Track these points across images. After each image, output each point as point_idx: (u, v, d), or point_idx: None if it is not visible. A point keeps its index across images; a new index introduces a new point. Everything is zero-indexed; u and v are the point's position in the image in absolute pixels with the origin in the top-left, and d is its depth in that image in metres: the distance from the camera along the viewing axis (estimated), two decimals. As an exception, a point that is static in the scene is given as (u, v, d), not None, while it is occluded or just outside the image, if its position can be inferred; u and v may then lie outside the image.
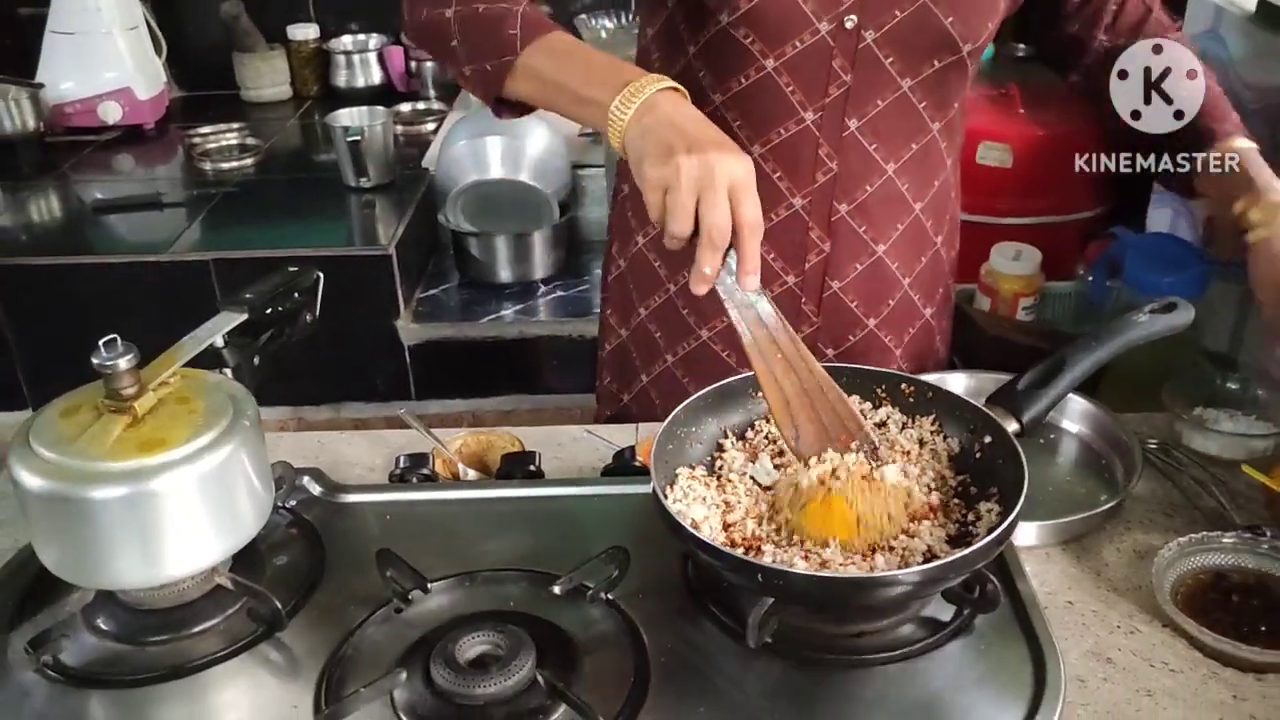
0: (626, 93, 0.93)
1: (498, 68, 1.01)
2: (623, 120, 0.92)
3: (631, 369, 1.36)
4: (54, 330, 1.94)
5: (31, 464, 0.85)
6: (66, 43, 2.34)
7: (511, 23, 1.01)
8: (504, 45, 1.01)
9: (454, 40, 1.04)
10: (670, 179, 0.87)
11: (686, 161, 0.87)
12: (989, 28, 1.12)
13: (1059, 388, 0.97)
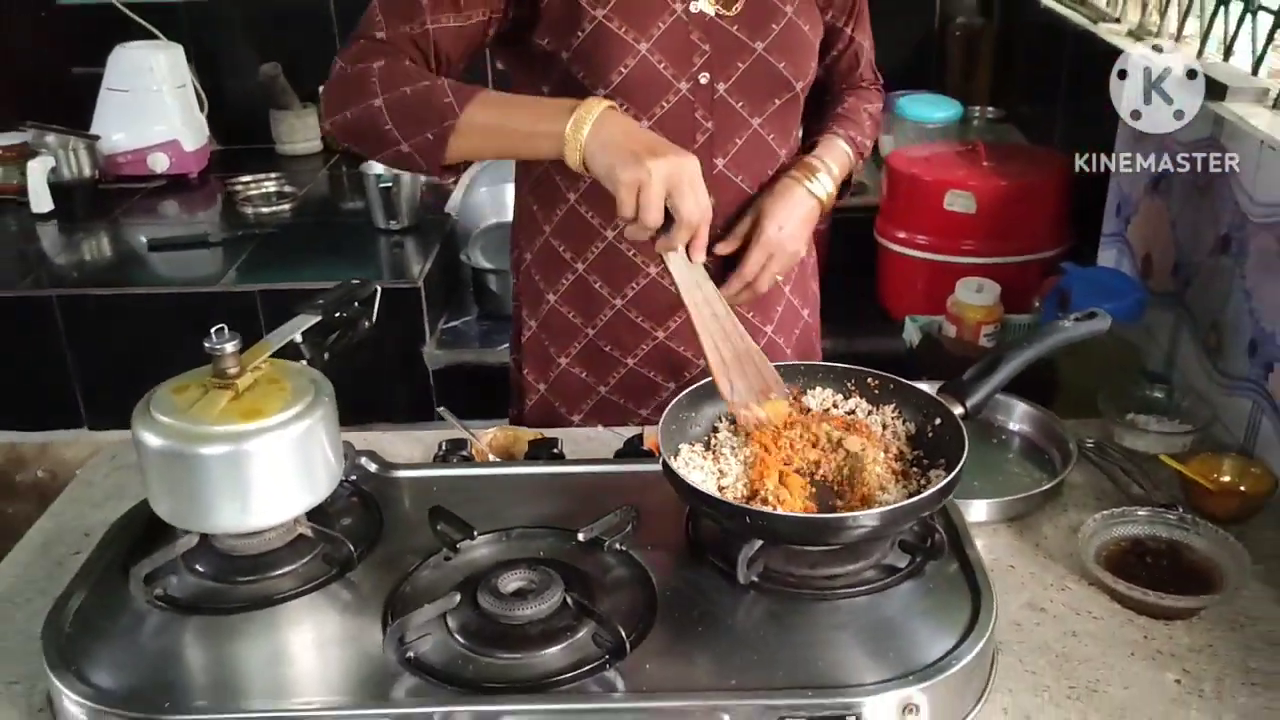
0: (576, 118, 1.10)
1: (440, 133, 1.14)
2: (579, 140, 1.10)
3: (558, 417, 1.49)
4: (110, 355, 2.13)
5: (153, 427, 1.03)
6: (120, 99, 2.57)
7: (441, 93, 1.15)
8: (443, 112, 1.14)
9: (387, 125, 1.16)
10: (643, 179, 1.06)
11: (655, 164, 1.06)
12: (811, 65, 1.33)
13: (997, 379, 1.16)
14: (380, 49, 1.19)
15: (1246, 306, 1.45)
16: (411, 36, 1.19)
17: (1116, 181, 1.94)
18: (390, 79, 1.16)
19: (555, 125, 1.11)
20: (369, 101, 1.17)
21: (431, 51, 1.21)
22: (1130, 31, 2.07)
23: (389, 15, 1.20)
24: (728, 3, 1.26)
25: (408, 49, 1.20)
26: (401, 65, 1.18)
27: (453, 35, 1.21)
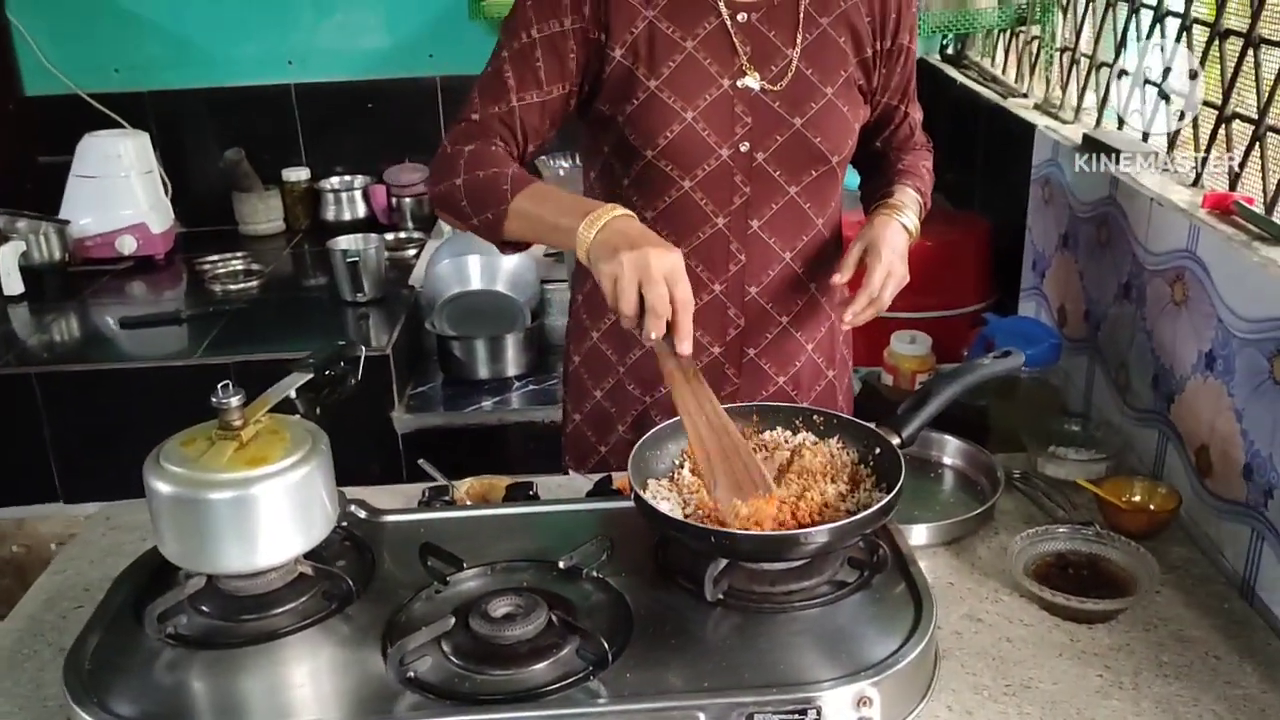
0: (589, 219, 1.24)
1: (497, 215, 1.31)
2: (588, 239, 1.23)
3: (588, 445, 1.65)
4: (87, 430, 2.20)
5: (164, 476, 1.13)
6: (89, 185, 2.67)
7: (504, 180, 1.31)
8: (499, 198, 1.31)
9: (463, 201, 1.33)
10: (617, 270, 1.18)
11: (628, 256, 1.18)
12: (849, 143, 1.47)
13: (927, 412, 1.30)
14: (474, 131, 1.36)
15: (1148, 345, 1.61)
16: (500, 116, 1.36)
17: (1030, 239, 2.11)
18: (473, 162, 1.33)
19: (572, 222, 1.25)
20: (453, 180, 1.33)
21: (518, 127, 1.37)
22: (1036, 105, 2.26)
23: (483, 98, 1.37)
24: (773, 80, 1.39)
25: (498, 128, 1.36)
26: (487, 150, 1.34)
27: (537, 111, 1.37)
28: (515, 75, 1.36)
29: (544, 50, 1.36)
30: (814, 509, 1.20)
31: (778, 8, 1.41)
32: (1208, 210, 1.49)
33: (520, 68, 1.36)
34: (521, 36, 1.36)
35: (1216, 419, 1.42)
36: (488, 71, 1.39)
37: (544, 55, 1.36)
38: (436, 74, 3.02)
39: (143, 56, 2.94)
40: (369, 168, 3.07)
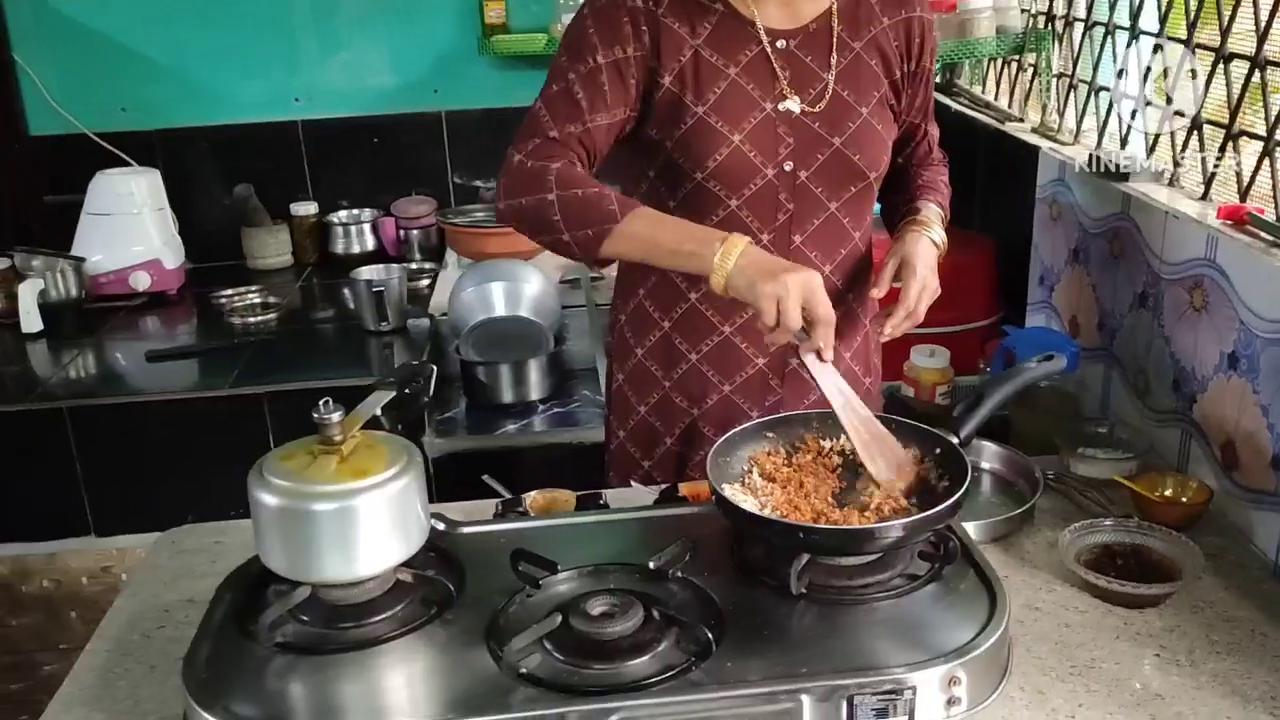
0: (725, 249, 1.31)
1: (599, 232, 1.36)
2: (726, 268, 1.30)
3: (632, 461, 1.71)
4: (120, 463, 2.22)
5: (269, 489, 1.17)
6: (102, 222, 2.69)
7: (610, 200, 1.37)
8: (605, 216, 1.36)
9: (555, 216, 1.38)
10: (781, 292, 1.26)
11: (791, 278, 1.26)
12: (884, 159, 1.55)
13: (981, 412, 1.37)
14: (554, 148, 1.41)
15: (1167, 350, 1.70)
16: (578, 135, 1.42)
17: (1038, 256, 2.21)
18: (565, 179, 1.38)
19: (704, 250, 1.32)
20: (544, 195, 1.38)
21: (591, 146, 1.43)
22: (1034, 129, 2.37)
23: (555, 116, 1.42)
24: (812, 102, 1.47)
25: (575, 147, 1.42)
26: (575, 169, 1.40)
27: (605, 131, 1.44)
28: (587, 97, 1.42)
29: (609, 75, 1.42)
30: (886, 507, 1.27)
31: (813, 34, 1.49)
32: (1222, 221, 1.59)
33: (591, 90, 1.42)
34: (589, 60, 1.42)
35: (1242, 415, 1.51)
36: (555, 90, 1.44)
37: (609, 80, 1.42)
38: (441, 108, 3.07)
39: (150, 95, 2.97)
40: (374, 201, 3.11)
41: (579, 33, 1.45)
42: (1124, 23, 2.04)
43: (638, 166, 1.53)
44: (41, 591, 2.25)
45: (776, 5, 1.47)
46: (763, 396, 1.61)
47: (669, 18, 1.44)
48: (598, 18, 1.44)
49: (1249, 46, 1.64)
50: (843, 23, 1.50)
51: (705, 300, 1.55)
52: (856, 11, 1.51)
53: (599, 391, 2.35)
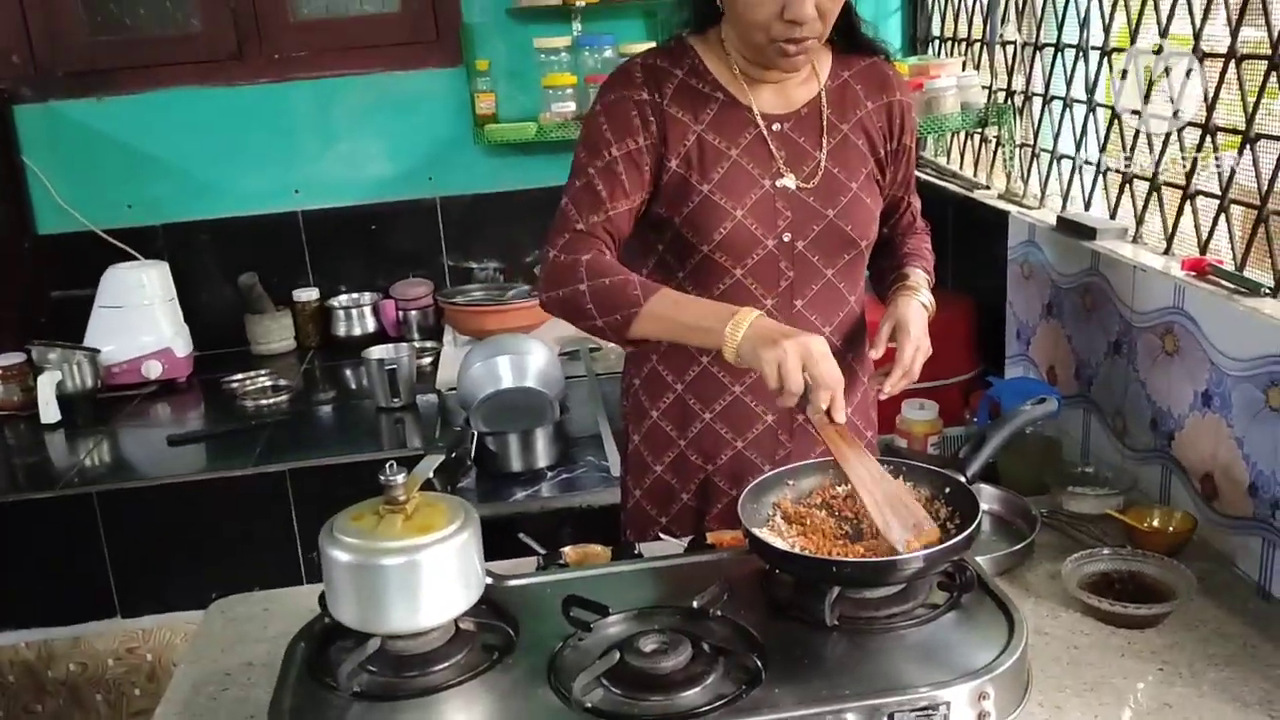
0: (734, 322, 1.42)
1: (626, 316, 1.48)
2: (736, 339, 1.41)
3: (649, 519, 1.82)
4: (147, 544, 2.28)
5: (341, 547, 1.26)
6: (114, 315, 2.79)
7: (634, 286, 1.49)
8: (631, 301, 1.48)
9: (588, 305, 1.49)
10: (782, 357, 1.36)
11: (790, 344, 1.36)
12: (874, 229, 1.69)
13: (985, 453, 1.49)
14: (583, 239, 1.53)
15: (1143, 393, 1.84)
16: (602, 224, 1.54)
17: (1013, 312, 2.36)
18: (594, 269, 1.50)
19: (717, 325, 1.43)
20: (576, 286, 1.50)
21: (615, 231, 1.56)
22: (1000, 195, 2.54)
23: (581, 210, 1.55)
24: (806, 179, 1.61)
25: (601, 235, 1.54)
26: (602, 258, 1.52)
27: (626, 216, 1.57)
28: (606, 188, 1.55)
29: (625, 165, 1.56)
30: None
31: (805, 118, 1.64)
32: (1186, 272, 1.74)
33: (610, 181, 1.55)
34: (605, 154, 1.56)
35: (1218, 448, 1.64)
36: (577, 186, 1.57)
37: (625, 169, 1.56)
38: (435, 194, 3.21)
39: (155, 192, 3.09)
40: (373, 284, 3.23)
41: (594, 130, 1.59)
42: (1081, 96, 2.23)
43: (648, 241, 1.66)
44: (67, 676, 2.29)
45: (771, 92, 1.62)
46: (773, 451, 1.72)
47: (673, 107, 1.58)
48: (609, 114, 1.58)
49: (1200, 114, 1.82)
50: (831, 107, 1.64)
51: (716, 362, 1.66)
52: (843, 97, 1.66)
53: (603, 457, 2.45)
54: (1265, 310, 1.56)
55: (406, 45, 3.13)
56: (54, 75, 3.01)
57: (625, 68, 1.63)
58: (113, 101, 3.04)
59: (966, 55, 2.84)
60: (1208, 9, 1.78)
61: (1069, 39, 2.28)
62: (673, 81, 1.59)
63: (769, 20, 1.48)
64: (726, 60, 1.61)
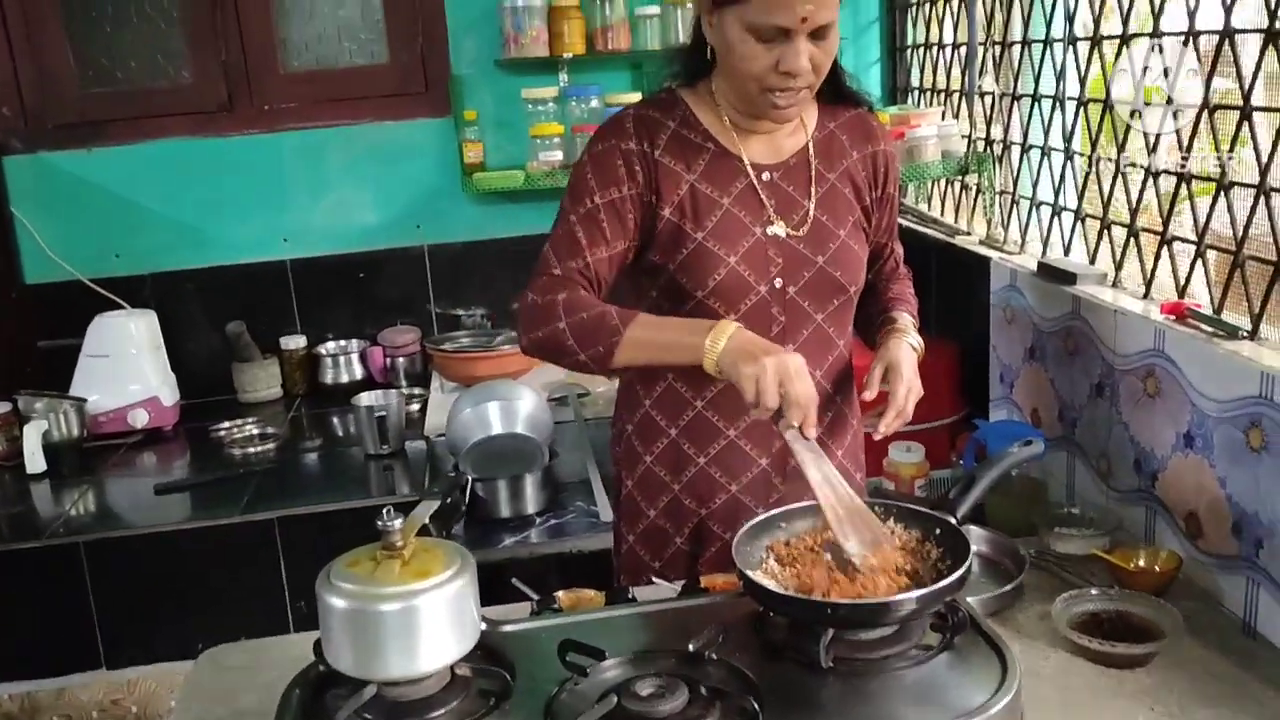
0: (713, 334, 1.45)
1: (608, 346, 1.51)
2: (716, 350, 1.44)
3: (642, 564, 1.82)
4: (134, 594, 2.27)
5: (338, 593, 1.26)
6: (100, 364, 2.79)
7: (611, 316, 1.52)
8: (611, 331, 1.51)
9: (569, 341, 1.52)
10: (760, 372, 1.39)
11: (769, 360, 1.40)
12: (862, 275, 1.72)
13: (974, 494, 1.51)
14: (560, 282, 1.56)
15: (1126, 435, 1.87)
16: (578, 269, 1.57)
17: (996, 356, 2.40)
18: (571, 306, 1.52)
19: (696, 339, 1.46)
20: (555, 324, 1.52)
21: (593, 277, 1.58)
22: (981, 241, 2.59)
23: (559, 255, 1.58)
24: (796, 227, 1.64)
25: (578, 279, 1.57)
26: (579, 295, 1.54)
27: (606, 263, 1.59)
28: (586, 235, 1.58)
29: (607, 213, 1.59)
30: (896, 584, 1.40)
31: (793, 168, 1.67)
32: (1166, 316, 1.78)
33: (590, 228, 1.59)
34: (587, 202, 1.59)
35: (1201, 488, 1.67)
36: (558, 233, 1.61)
37: (607, 217, 1.59)
38: (424, 243, 3.24)
39: (143, 242, 3.11)
40: (361, 332, 3.25)
41: (580, 178, 1.62)
42: (1058, 145, 2.28)
43: (642, 288, 1.68)
44: (52, 729, 2.26)
45: (760, 143, 1.66)
46: (767, 494, 1.73)
47: (666, 158, 1.62)
48: (595, 163, 1.62)
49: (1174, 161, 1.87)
50: (818, 157, 1.68)
51: (711, 407, 1.68)
52: (830, 147, 1.70)
53: (592, 502, 2.46)
54: (1244, 353, 1.60)
55: (396, 96, 3.18)
56: (44, 127, 3.04)
57: (618, 118, 1.66)
58: (102, 152, 3.07)
59: (946, 105, 2.90)
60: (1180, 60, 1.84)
61: (1047, 89, 2.33)
62: (665, 132, 1.63)
63: (764, 72, 1.52)
64: (717, 111, 1.65)
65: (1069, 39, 2.21)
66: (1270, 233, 1.63)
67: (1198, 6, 1.77)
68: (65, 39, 3.03)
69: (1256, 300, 1.66)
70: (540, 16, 3.02)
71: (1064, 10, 2.22)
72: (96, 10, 3.05)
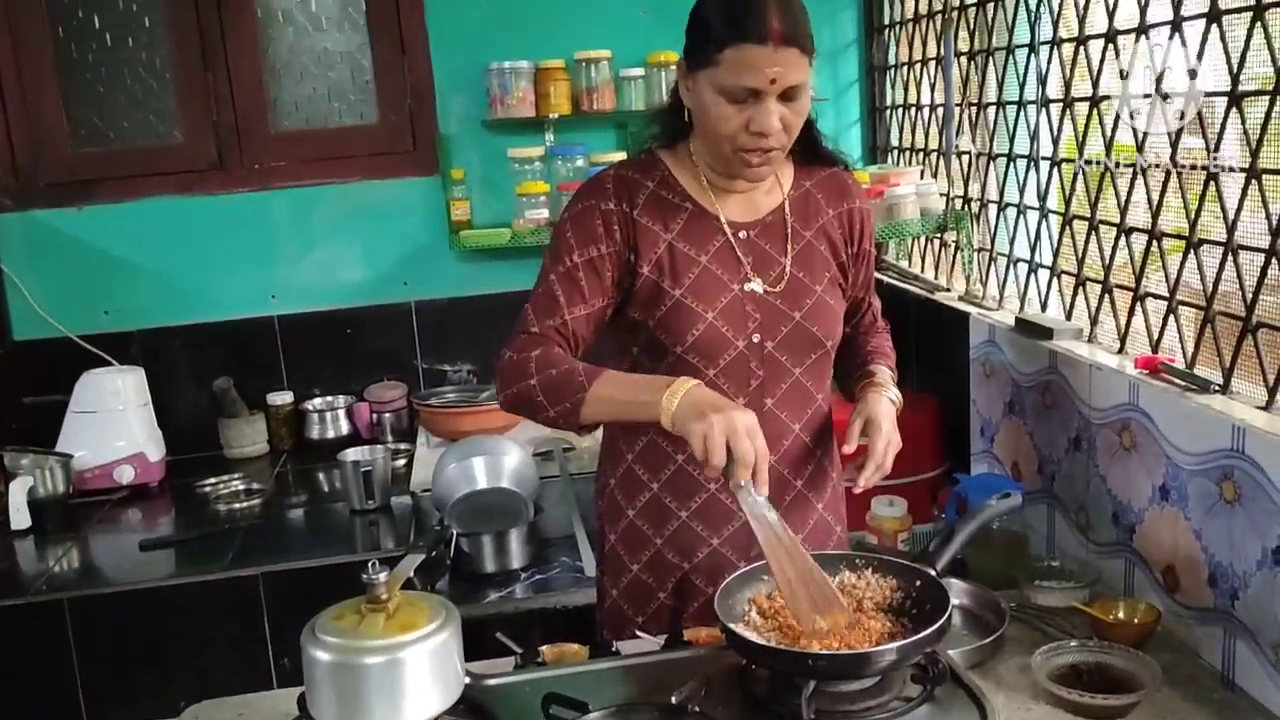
0: (669, 391, 1.47)
1: (575, 403, 1.53)
2: (672, 406, 1.46)
3: (625, 618, 1.83)
4: (118, 651, 2.26)
5: (323, 646, 1.27)
6: (87, 420, 2.79)
7: (578, 374, 1.55)
8: (577, 388, 1.53)
9: (539, 397, 1.55)
10: (707, 429, 1.41)
11: (716, 417, 1.41)
12: (839, 329, 1.75)
13: (953, 546, 1.54)
14: (535, 340, 1.59)
15: (1104, 488, 1.90)
16: (555, 327, 1.60)
17: (976, 410, 2.43)
18: (542, 363, 1.55)
19: (655, 396, 1.47)
20: (527, 381, 1.55)
21: (570, 335, 1.61)
22: (961, 297, 2.63)
23: (537, 313, 1.61)
24: (773, 283, 1.68)
25: (554, 336, 1.60)
26: (552, 352, 1.57)
27: (584, 321, 1.62)
28: (564, 293, 1.62)
29: (586, 271, 1.63)
30: (876, 635, 1.41)
31: (770, 225, 1.71)
32: (1140, 370, 1.82)
33: (568, 287, 1.62)
34: (566, 261, 1.63)
35: (1178, 541, 1.69)
36: (538, 291, 1.64)
37: (586, 275, 1.62)
38: (410, 299, 3.27)
39: (132, 299, 3.12)
40: (347, 387, 3.26)
41: (559, 237, 1.66)
42: (1033, 203, 2.33)
43: (624, 344, 1.71)
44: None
45: (737, 202, 1.70)
46: (748, 547, 1.74)
47: (644, 217, 1.66)
48: (574, 223, 1.66)
49: (1146, 219, 1.92)
50: (794, 215, 1.72)
51: (691, 461, 1.70)
52: (806, 205, 1.74)
53: (577, 558, 2.46)
54: (1215, 406, 1.63)
55: (384, 155, 3.23)
56: (36, 185, 3.07)
57: (598, 178, 1.70)
58: (93, 210, 3.10)
59: (924, 164, 2.96)
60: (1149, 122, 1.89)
61: (1023, 148, 2.39)
62: (644, 192, 1.67)
63: (736, 132, 1.56)
64: (695, 172, 1.69)
65: (1041, 101, 2.27)
66: (1239, 288, 1.67)
67: (1162, 73, 1.83)
68: (60, 99, 3.08)
69: (1228, 354, 1.70)
70: (527, 78, 3.08)
71: (1036, 73, 2.28)
72: (90, 71, 3.10)
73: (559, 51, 3.11)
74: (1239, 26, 1.66)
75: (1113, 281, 2.03)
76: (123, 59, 3.10)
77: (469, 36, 3.15)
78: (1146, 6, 1.87)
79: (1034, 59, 2.29)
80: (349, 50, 3.20)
